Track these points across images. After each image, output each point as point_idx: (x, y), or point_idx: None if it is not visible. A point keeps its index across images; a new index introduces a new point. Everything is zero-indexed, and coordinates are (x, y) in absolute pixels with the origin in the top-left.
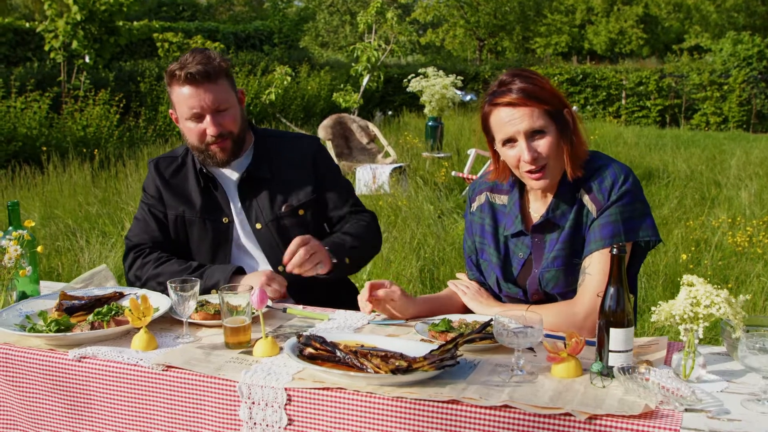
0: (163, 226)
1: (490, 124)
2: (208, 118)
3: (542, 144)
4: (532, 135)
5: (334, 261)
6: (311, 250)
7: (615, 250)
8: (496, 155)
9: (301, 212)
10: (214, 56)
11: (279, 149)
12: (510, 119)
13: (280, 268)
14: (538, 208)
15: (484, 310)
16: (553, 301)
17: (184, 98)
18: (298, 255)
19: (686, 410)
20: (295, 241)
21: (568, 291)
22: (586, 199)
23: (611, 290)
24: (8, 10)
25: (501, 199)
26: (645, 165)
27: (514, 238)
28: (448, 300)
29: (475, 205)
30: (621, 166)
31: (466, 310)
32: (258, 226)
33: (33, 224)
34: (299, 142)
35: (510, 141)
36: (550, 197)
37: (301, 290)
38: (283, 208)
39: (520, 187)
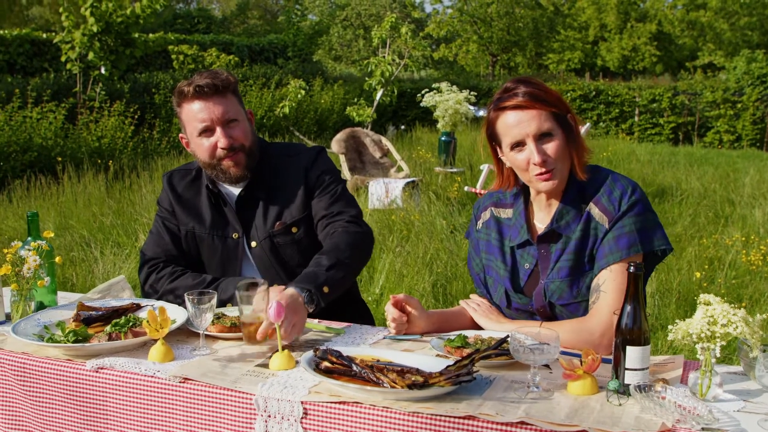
0: (176, 240)
1: (496, 129)
2: (218, 130)
3: (551, 146)
4: (540, 137)
5: (313, 304)
6: (288, 328)
7: (632, 268)
8: (500, 164)
9: (294, 230)
10: (221, 72)
11: (279, 166)
12: (518, 122)
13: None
14: (542, 218)
15: (495, 326)
16: (559, 313)
17: (193, 113)
18: (265, 323)
19: (703, 429)
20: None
21: (573, 303)
22: (595, 211)
23: (628, 308)
24: (26, 21)
25: (505, 213)
26: (658, 182)
27: (520, 249)
28: (458, 316)
29: (480, 223)
30: (624, 177)
31: (475, 327)
32: (253, 244)
33: (52, 235)
34: (297, 157)
35: (518, 144)
36: (554, 207)
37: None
38: (275, 226)
39: (525, 198)
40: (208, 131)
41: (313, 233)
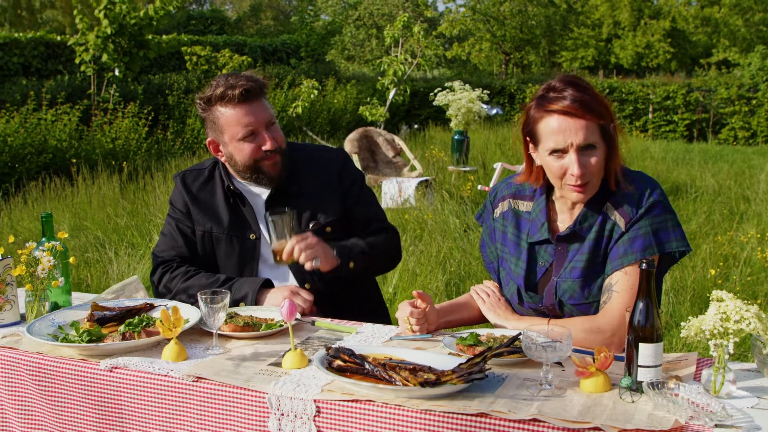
0: (190, 241)
1: (537, 128)
2: (264, 133)
3: (593, 160)
4: (583, 149)
5: (337, 262)
6: (305, 247)
7: (644, 264)
8: (530, 160)
9: (328, 230)
10: (252, 74)
11: (305, 164)
12: (564, 129)
13: (307, 286)
14: (564, 219)
15: (500, 321)
16: (568, 312)
17: (237, 118)
18: (290, 243)
19: (716, 426)
20: (294, 239)
21: (583, 303)
22: (612, 212)
23: (640, 305)
24: (40, 23)
25: (525, 206)
26: (672, 179)
27: (538, 246)
28: (466, 307)
29: (497, 212)
30: (646, 177)
31: (483, 318)
32: None
33: (66, 236)
34: (324, 156)
35: (559, 151)
36: (578, 209)
37: (329, 303)
38: (310, 226)
39: (547, 194)
40: (252, 134)
41: (344, 234)
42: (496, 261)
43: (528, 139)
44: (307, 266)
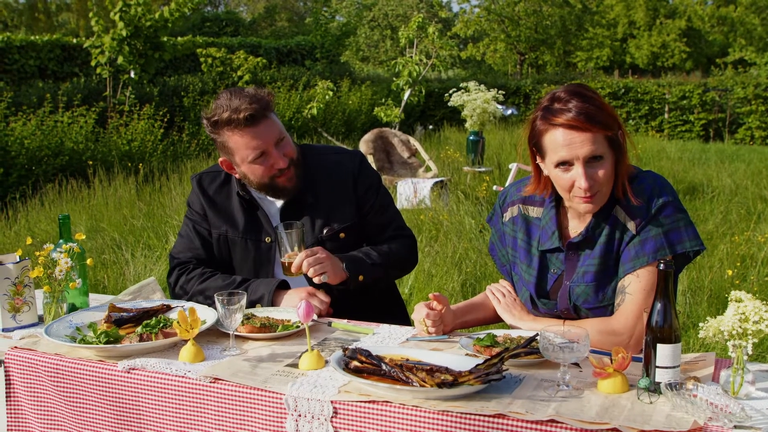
0: (207, 243)
1: (542, 141)
2: (274, 152)
3: (600, 172)
4: (590, 161)
5: (345, 275)
6: (314, 263)
7: (662, 265)
8: (538, 170)
9: (342, 235)
10: (257, 92)
11: (320, 169)
12: (569, 142)
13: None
14: (576, 226)
15: (516, 322)
16: (584, 316)
17: (245, 142)
18: (299, 257)
19: (736, 427)
20: (303, 253)
21: (598, 307)
22: (622, 215)
23: (658, 305)
24: (56, 26)
25: (535, 212)
26: (688, 180)
27: (549, 254)
28: (481, 306)
29: (507, 217)
30: (655, 177)
31: (498, 318)
32: None
33: (83, 237)
34: (340, 160)
35: (565, 164)
36: (589, 216)
37: (345, 304)
38: (324, 232)
39: (557, 201)
40: (262, 155)
41: (358, 239)
42: (509, 264)
43: (534, 150)
44: (316, 280)
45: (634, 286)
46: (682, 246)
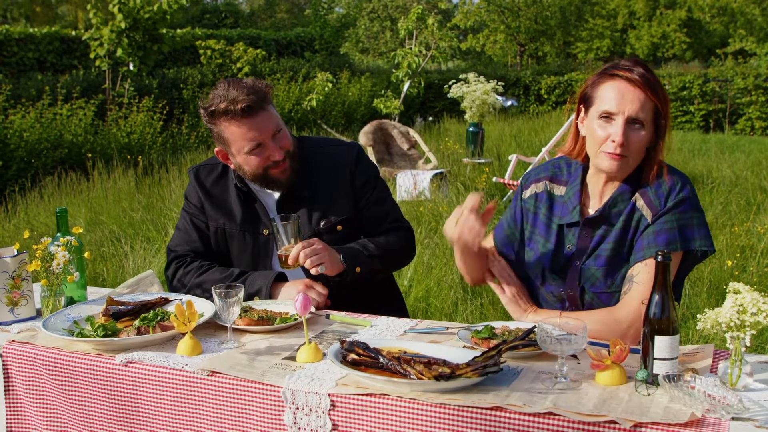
0: (204, 236)
1: (595, 91)
2: (271, 144)
3: (636, 136)
4: (632, 122)
5: (342, 267)
6: (311, 254)
7: (660, 257)
8: (577, 131)
9: (339, 228)
10: (255, 83)
11: (318, 162)
12: (621, 94)
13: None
14: (595, 204)
15: (519, 315)
16: (589, 300)
17: (242, 133)
18: (295, 249)
19: (733, 419)
20: (300, 244)
21: (606, 292)
22: (640, 203)
23: (656, 297)
24: (55, 19)
25: (560, 190)
26: (689, 170)
27: (567, 229)
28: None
29: (527, 193)
30: (677, 171)
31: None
32: None
33: (81, 230)
34: (337, 152)
35: (608, 116)
36: (608, 193)
37: (343, 296)
38: (321, 224)
39: (582, 178)
40: (258, 147)
41: (355, 231)
42: (517, 242)
43: (581, 106)
44: (313, 271)
45: (642, 276)
46: (693, 243)
